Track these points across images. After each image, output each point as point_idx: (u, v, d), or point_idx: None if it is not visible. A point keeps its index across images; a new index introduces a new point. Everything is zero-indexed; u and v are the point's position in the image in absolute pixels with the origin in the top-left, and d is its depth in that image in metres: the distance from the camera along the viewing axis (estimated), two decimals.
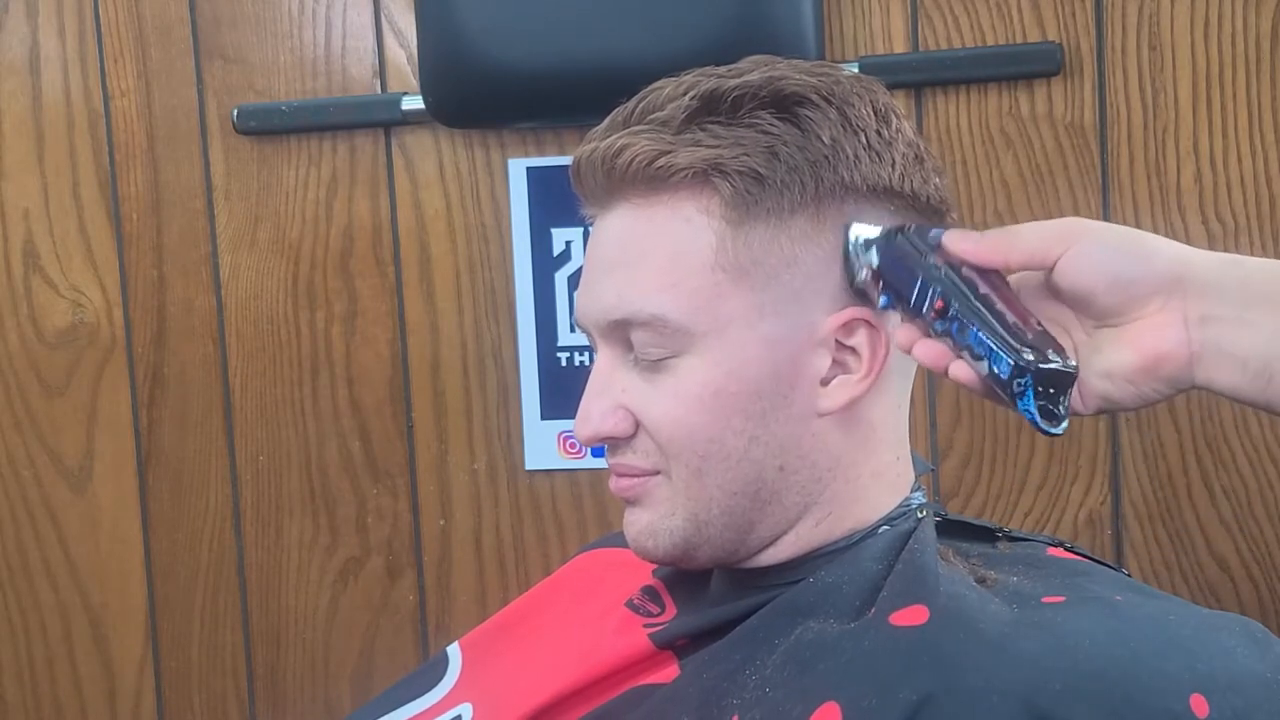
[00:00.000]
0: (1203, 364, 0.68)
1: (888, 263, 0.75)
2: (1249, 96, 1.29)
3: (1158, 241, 0.70)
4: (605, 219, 0.80)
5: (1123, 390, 0.69)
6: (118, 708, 1.56)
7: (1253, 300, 0.67)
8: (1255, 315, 0.66)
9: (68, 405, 1.54)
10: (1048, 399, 0.68)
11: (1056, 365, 0.68)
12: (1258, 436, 1.32)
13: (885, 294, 0.75)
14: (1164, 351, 0.68)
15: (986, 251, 0.71)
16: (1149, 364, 0.68)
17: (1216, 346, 0.67)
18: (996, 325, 0.69)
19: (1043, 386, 0.68)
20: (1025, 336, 0.69)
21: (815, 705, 0.68)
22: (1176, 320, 0.68)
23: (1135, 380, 0.69)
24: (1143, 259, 0.69)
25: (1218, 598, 1.33)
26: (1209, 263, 0.69)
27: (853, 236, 0.76)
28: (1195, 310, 0.67)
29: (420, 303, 1.46)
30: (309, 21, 1.47)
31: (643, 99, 0.79)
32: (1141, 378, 0.69)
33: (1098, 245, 0.69)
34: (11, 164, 1.53)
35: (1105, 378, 0.70)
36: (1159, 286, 0.68)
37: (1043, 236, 0.71)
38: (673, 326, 0.76)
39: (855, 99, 0.78)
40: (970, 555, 0.81)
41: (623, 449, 0.80)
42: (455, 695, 0.93)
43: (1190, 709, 0.64)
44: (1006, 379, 0.68)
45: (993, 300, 0.70)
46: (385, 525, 1.49)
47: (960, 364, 0.71)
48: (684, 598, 0.86)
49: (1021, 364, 0.68)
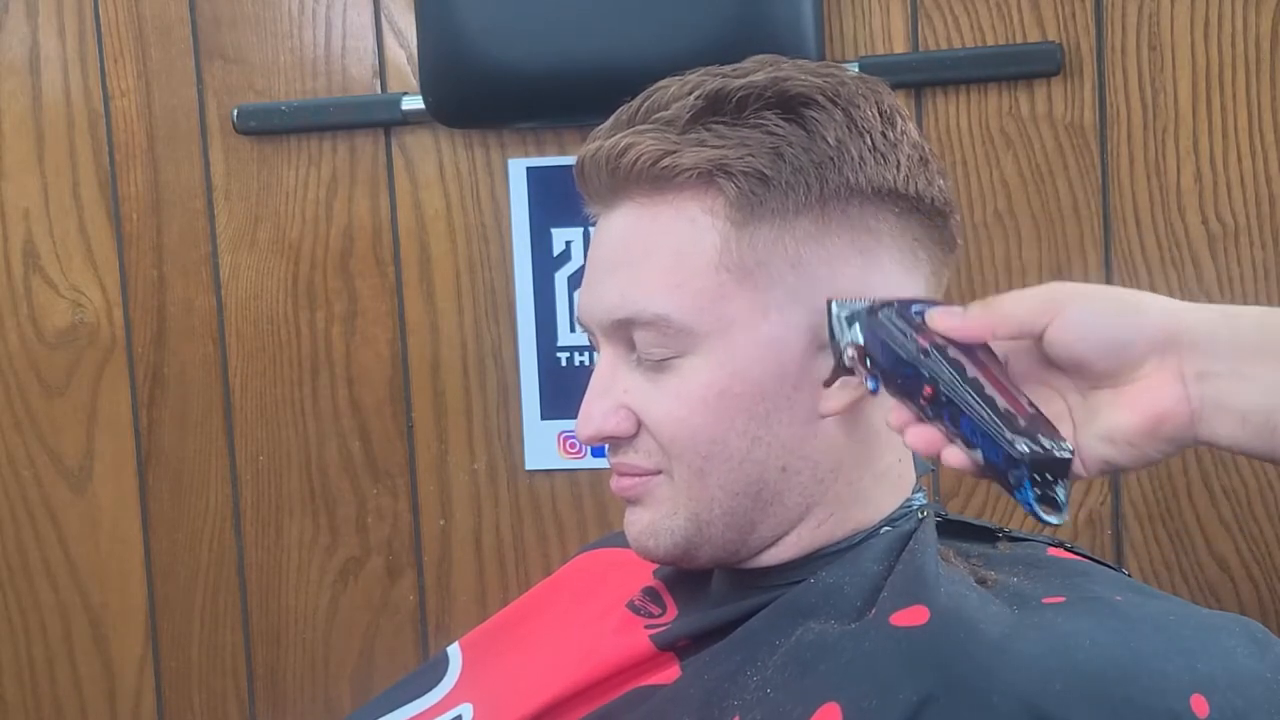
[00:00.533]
0: (1204, 421, 0.66)
1: (873, 342, 0.73)
2: (1249, 96, 1.29)
3: (1146, 299, 0.68)
4: (609, 218, 0.80)
5: (1124, 453, 0.67)
6: (118, 708, 1.56)
7: (1248, 353, 0.65)
8: (1252, 369, 0.65)
9: (68, 405, 1.54)
10: (1045, 486, 0.66)
11: (1050, 454, 0.66)
12: None
13: (872, 377, 0.73)
14: (1164, 411, 0.66)
15: (972, 328, 0.69)
16: (1150, 426, 0.66)
17: (1216, 402, 0.65)
18: (987, 414, 0.67)
19: (1039, 475, 0.66)
20: (1018, 424, 0.66)
21: (816, 706, 0.68)
22: (1173, 379, 0.66)
23: (1136, 442, 0.67)
24: (1133, 320, 0.67)
25: (1218, 598, 1.33)
26: (1201, 317, 0.67)
27: (834, 311, 0.74)
28: (1191, 367, 0.66)
29: (420, 303, 1.46)
30: (309, 21, 1.47)
31: (647, 98, 0.79)
32: (1143, 440, 0.67)
33: (1085, 311, 0.67)
34: (11, 164, 1.53)
35: (1106, 441, 0.68)
36: (1153, 346, 0.66)
37: (1028, 307, 0.68)
38: (676, 327, 0.76)
39: (861, 100, 0.78)
40: (971, 556, 0.81)
41: (624, 449, 0.80)
42: (455, 695, 0.93)
43: (1190, 709, 0.64)
44: (1002, 470, 0.67)
45: (981, 385, 0.68)
46: (385, 525, 1.49)
47: (954, 450, 0.69)
48: (685, 599, 0.86)
49: (1015, 455, 0.66)
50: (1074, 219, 1.33)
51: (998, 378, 0.69)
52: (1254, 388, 0.64)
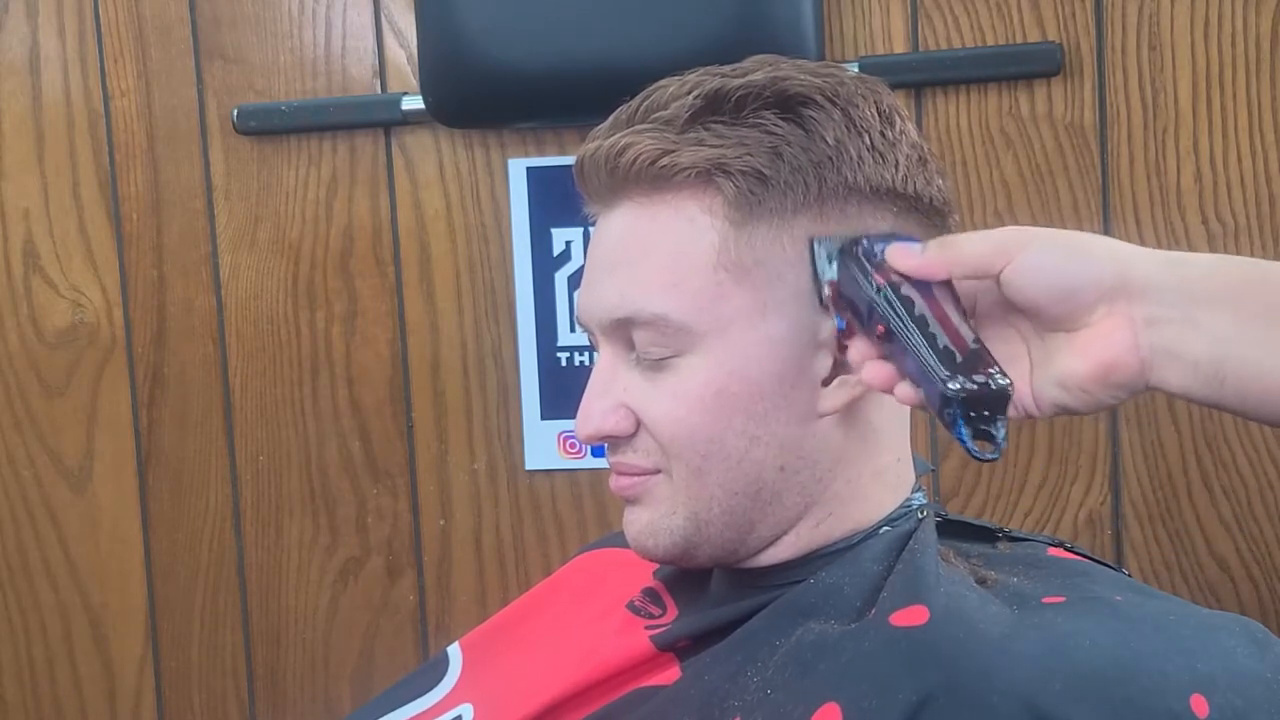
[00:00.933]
0: (1154, 369, 0.66)
1: (844, 279, 0.73)
2: (1249, 96, 1.29)
3: (1098, 244, 0.68)
4: (608, 218, 0.80)
5: (1077, 398, 0.68)
6: (118, 708, 1.56)
7: (1198, 300, 0.65)
8: (1202, 315, 0.65)
9: (68, 405, 1.54)
10: (981, 421, 0.66)
11: (980, 388, 0.66)
12: (1258, 436, 1.32)
13: (839, 315, 0.73)
14: (1114, 359, 0.66)
15: (927, 266, 0.70)
16: (1101, 373, 0.67)
17: (1166, 350, 0.65)
18: (925, 351, 0.67)
19: (973, 412, 0.66)
20: (954, 360, 0.66)
21: (816, 706, 0.68)
22: (1124, 325, 0.66)
23: (1088, 388, 0.67)
24: (1083, 266, 0.67)
25: (1218, 598, 1.33)
26: (1151, 263, 0.67)
27: (815, 249, 0.75)
28: (1141, 312, 0.66)
29: (420, 303, 1.46)
30: (309, 21, 1.47)
31: (646, 98, 0.79)
32: (1094, 386, 0.67)
33: (1037, 256, 0.67)
34: (11, 164, 1.53)
35: (1059, 386, 0.68)
36: (1102, 292, 0.66)
37: (983, 250, 0.69)
38: (674, 326, 0.76)
39: (860, 100, 0.78)
40: (970, 556, 0.81)
41: (623, 448, 0.80)
42: (455, 695, 0.93)
43: (1190, 709, 0.64)
44: (938, 408, 0.67)
45: (927, 322, 0.68)
46: (385, 525, 1.49)
47: (904, 387, 0.69)
48: (685, 599, 0.86)
49: (948, 394, 0.66)
50: (1074, 219, 1.33)
51: (946, 314, 0.69)
52: (1203, 336, 0.65)
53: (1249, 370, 0.64)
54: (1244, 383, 0.65)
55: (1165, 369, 0.66)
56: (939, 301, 0.70)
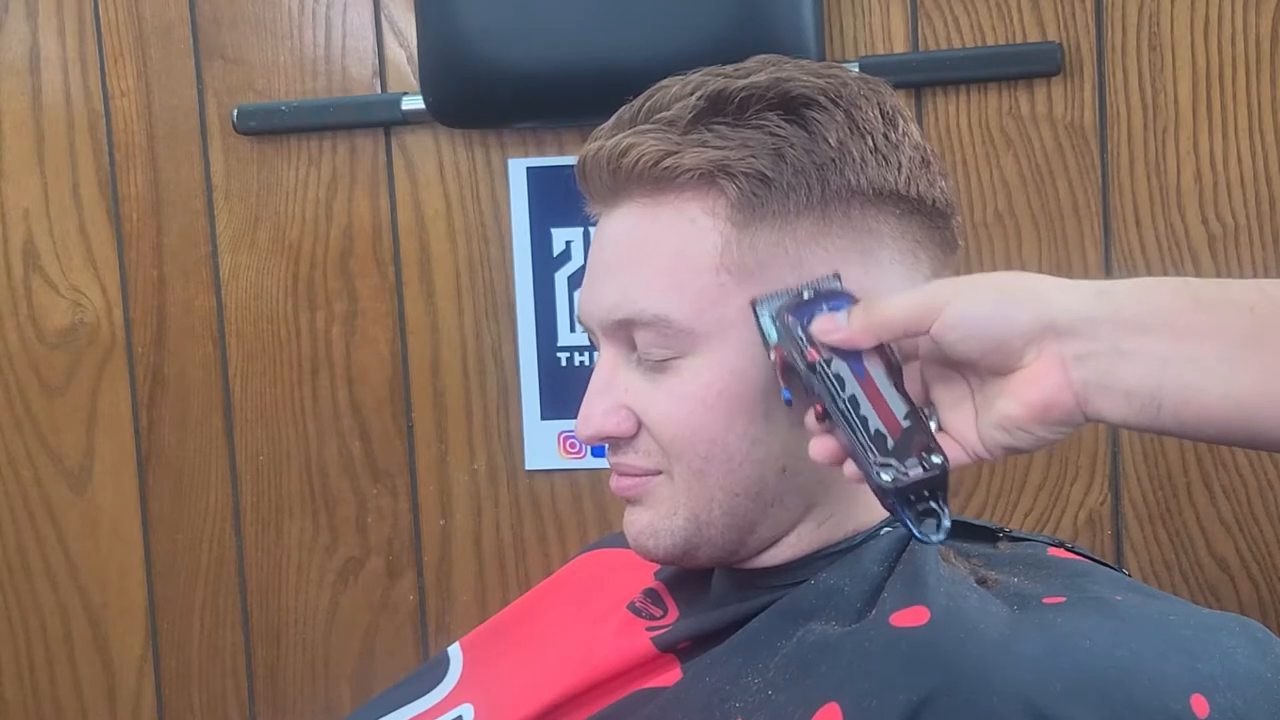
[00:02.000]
0: (1088, 402, 0.65)
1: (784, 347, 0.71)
2: (1249, 96, 1.29)
3: (1023, 288, 0.67)
4: (610, 218, 0.80)
5: (1020, 439, 0.67)
6: (118, 708, 1.56)
7: (1126, 330, 0.64)
8: (1130, 345, 0.64)
9: (68, 405, 1.54)
10: (922, 504, 0.66)
11: (917, 478, 0.65)
12: None
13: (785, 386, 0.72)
14: (1048, 399, 0.65)
15: (853, 338, 0.69)
16: (1037, 414, 0.66)
17: (1099, 383, 0.65)
18: (859, 438, 0.67)
19: (912, 495, 0.66)
20: (886, 445, 0.66)
21: (817, 707, 0.68)
22: (1054, 366, 0.65)
23: (1029, 429, 0.67)
24: (1007, 314, 0.66)
25: (1218, 598, 1.33)
26: (1076, 299, 0.66)
27: (758, 313, 0.72)
28: (1070, 350, 0.65)
29: (420, 303, 1.46)
30: (309, 21, 1.47)
31: (649, 98, 0.79)
32: (1034, 426, 0.67)
33: (961, 310, 0.66)
34: (11, 164, 1.53)
35: (1001, 429, 0.68)
36: (1030, 337, 0.66)
37: (907, 312, 0.68)
38: (676, 327, 0.76)
39: (863, 101, 0.78)
40: (971, 556, 0.81)
41: (624, 449, 0.80)
42: (456, 696, 0.93)
43: (1190, 709, 0.64)
44: (878, 496, 0.67)
45: (858, 403, 0.67)
46: (385, 525, 1.49)
47: (850, 465, 0.69)
48: (686, 600, 0.86)
49: (882, 486, 0.66)
50: (1074, 219, 1.33)
51: (878, 390, 0.68)
52: (1136, 365, 0.64)
53: (1184, 394, 0.63)
54: (1180, 406, 0.64)
55: (1099, 401, 0.65)
56: (870, 376, 0.69)
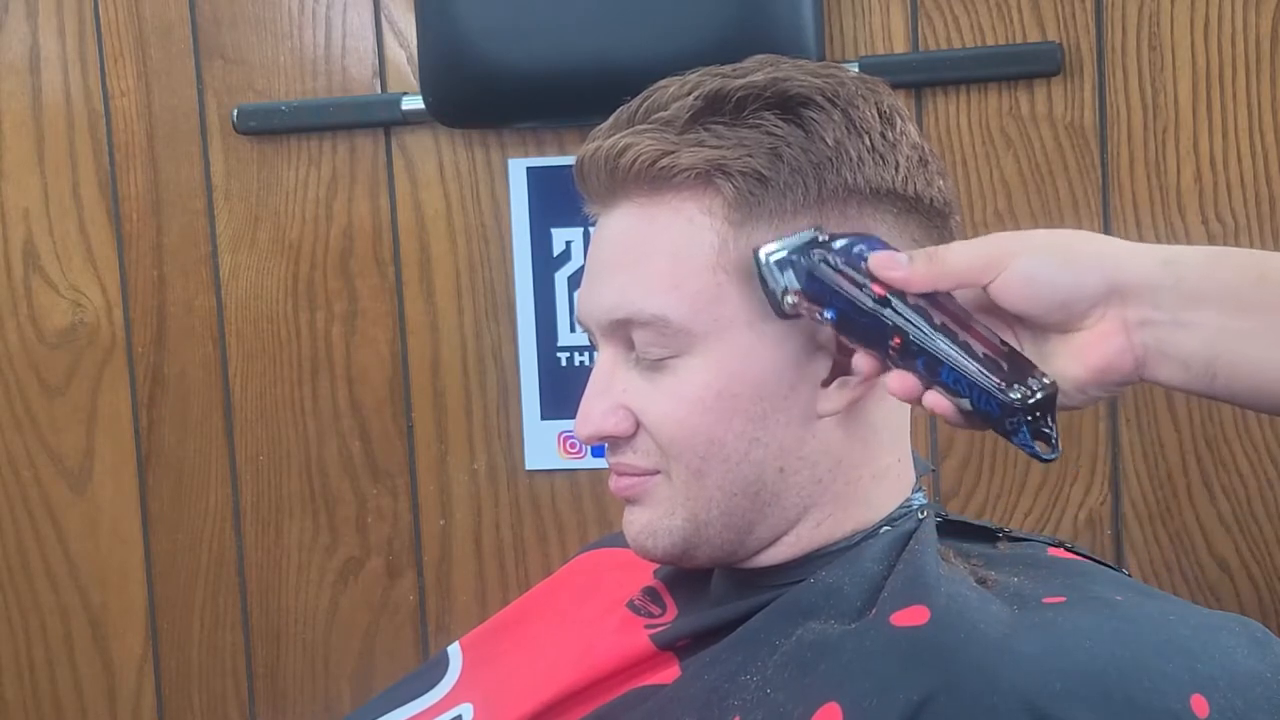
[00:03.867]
0: (1147, 365, 0.67)
1: (817, 289, 0.72)
2: (1249, 96, 1.29)
3: (1089, 249, 0.69)
4: (608, 218, 0.80)
5: (1074, 398, 0.69)
6: (118, 708, 1.56)
7: (1188, 301, 0.66)
8: (1191, 316, 0.66)
9: (68, 405, 1.54)
10: (1040, 424, 0.68)
11: (1042, 394, 0.67)
12: (1258, 436, 1.32)
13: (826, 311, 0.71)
14: (1109, 364, 0.67)
15: (915, 282, 0.70)
16: (1096, 377, 0.68)
17: (1159, 350, 0.67)
18: (969, 364, 0.67)
19: (1033, 416, 0.67)
20: (1001, 368, 0.67)
21: (816, 706, 0.68)
22: (1117, 329, 0.67)
23: (1085, 389, 0.69)
24: (1075, 277, 0.67)
25: (1218, 598, 1.33)
26: (1143, 265, 0.67)
27: (763, 260, 0.73)
28: (1134, 315, 0.67)
29: (420, 303, 1.46)
30: (309, 21, 1.47)
31: (647, 98, 0.79)
32: (1091, 387, 0.69)
33: (1028, 269, 0.68)
34: (11, 164, 1.53)
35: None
36: (1096, 299, 0.67)
37: (970, 263, 0.69)
38: (674, 327, 0.76)
39: (860, 100, 0.78)
40: (971, 556, 0.81)
41: (623, 448, 0.80)
42: (455, 695, 0.93)
43: (1190, 709, 0.64)
44: (998, 418, 0.67)
45: (954, 332, 0.68)
46: (385, 525, 1.49)
47: (935, 396, 0.69)
48: (685, 599, 0.86)
49: (1013, 404, 0.67)
50: (1074, 219, 1.33)
51: (966, 321, 0.69)
52: (1193, 335, 0.66)
53: (1239, 366, 0.65)
54: (1235, 378, 0.66)
55: (1158, 367, 0.67)
56: (948, 307, 0.70)
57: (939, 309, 0.70)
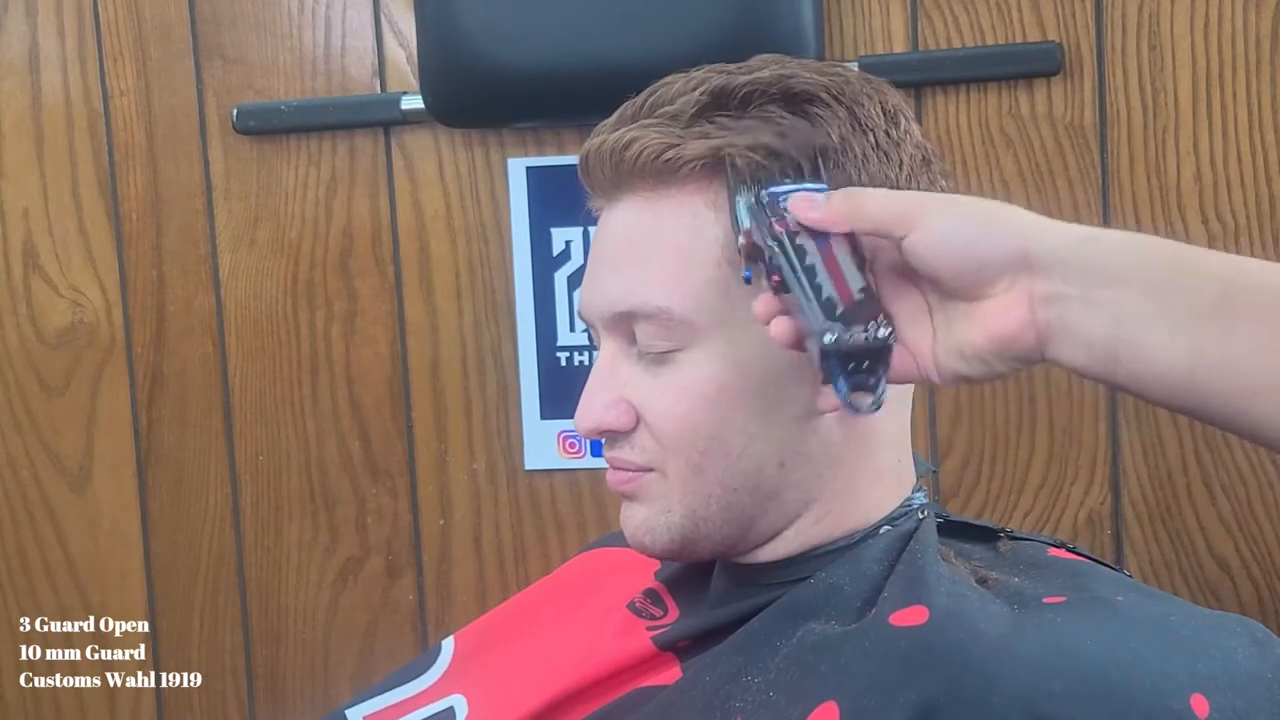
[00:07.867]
0: (1049, 342, 0.65)
1: (754, 229, 0.71)
2: (1249, 96, 1.29)
3: (1005, 218, 0.67)
4: (612, 212, 0.80)
5: (974, 368, 0.67)
6: (117, 708, 1.56)
7: (1099, 279, 0.63)
8: (1100, 294, 0.63)
9: (67, 405, 1.54)
10: (859, 375, 0.66)
11: (856, 343, 0.65)
12: None
13: (747, 266, 0.71)
14: (1011, 334, 0.65)
15: (827, 218, 0.69)
16: (997, 346, 0.66)
17: (1062, 327, 0.64)
18: (809, 300, 0.66)
19: (851, 363, 0.65)
20: (834, 310, 0.65)
21: (814, 705, 0.68)
22: (1022, 299, 0.65)
23: (985, 359, 0.67)
24: (991, 241, 0.66)
25: (1218, 598, 1.33)
26: (1059, 240, 0.65)
27: (735, 201, 0.73)
28: (1041, 288, 0.64)
29: (420, 303, 1.46)
30: (309, 21, 1.47)
31: (652, 94, 0.79)
32: (992, 357, 0.66)
33: (941, 229, 0.66)
34: (11, 164, 1.52)
35: (957, 355, 0.67)
36: (1005, 266, 0.65)
37: (890, 212, 0.68)
38: (677, 320, 0.76)
39: (865, 99, 0.78)
40: (971, 556, 0.81)
41: (620, 443, 0.80)
42: (445, 684, 0.93)
43: (1191, 709, 0.64)
44: (818, 361, 0.66)
45: (815, 271, 0.67)
46: (385, 525, 1.49)
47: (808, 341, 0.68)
48: (686, 600, 0.86)
49: (822, 345, 0.65)
50: (1074, 219, 1.31)
51: (837, 263, 0.68)
52: (1100, 315, 0.63)
53: (1143, 350, 0.63)
54: (1138, 361, 0.63)
55: (1060, 345, 0.65)
56: (833, 251, 0.68)
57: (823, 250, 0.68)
